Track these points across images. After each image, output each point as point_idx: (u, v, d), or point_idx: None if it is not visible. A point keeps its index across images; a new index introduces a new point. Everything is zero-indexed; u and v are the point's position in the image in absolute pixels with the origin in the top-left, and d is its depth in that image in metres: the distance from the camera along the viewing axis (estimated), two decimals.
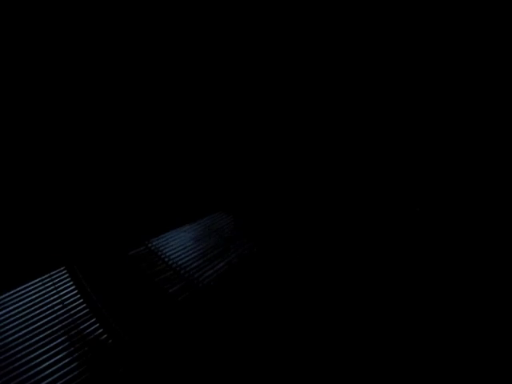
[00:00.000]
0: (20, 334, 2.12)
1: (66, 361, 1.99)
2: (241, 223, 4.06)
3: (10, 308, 2.31)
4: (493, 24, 3.19)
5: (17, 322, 2.20)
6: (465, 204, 3.81)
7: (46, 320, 2.28)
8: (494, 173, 3.61)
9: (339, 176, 4.84)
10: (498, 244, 3.41)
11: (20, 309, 2.33)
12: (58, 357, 2.00)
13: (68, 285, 2.69)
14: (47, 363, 1.95)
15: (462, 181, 3.84)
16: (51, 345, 2.08)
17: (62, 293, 2.60)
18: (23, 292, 2.50)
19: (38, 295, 2.51)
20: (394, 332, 2.56)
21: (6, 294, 2.43)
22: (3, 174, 2.86)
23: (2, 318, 2.20)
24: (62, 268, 2.86)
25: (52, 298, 2.52)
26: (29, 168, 3.04)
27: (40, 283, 2.65)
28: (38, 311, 2.34)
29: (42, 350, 2.03)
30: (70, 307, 2.44)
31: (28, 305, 2.38)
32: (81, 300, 2.53)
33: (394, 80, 4.01)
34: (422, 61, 3.68)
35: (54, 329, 2.22)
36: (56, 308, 2.42)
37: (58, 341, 2.12)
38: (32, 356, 1.98)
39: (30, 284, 2.60)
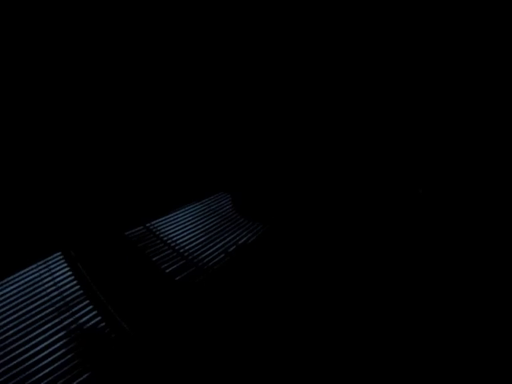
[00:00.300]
0: (12, 318, 2.05)
1: (59, 344, 1.91)
2: (241, 203, 3.92)
3: (3, 295, 2.24)
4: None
5: (9, 308, 2.13)
6: (467, 186, 3.62)
7: (39, 305, 2.20)
8: (494, 157, 3.40)
9: (341, 157, 4.62)
10: (501, 228, 3.19)
11: (14, 296, 2.26)
12: (51, 340, 1.92)
13: (64, 270, 2.61)
14: (39, 347, 1.87)
15: (463, 163, 3.63)
16: (44, 329, 2.00)
17: (57, 279, 2.52)
18: (18, 279, 2.42)
19: (33, 282, 2.44)
20: (395, 315, 2.41)
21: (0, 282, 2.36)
22: None
23: None
24: (57, 253, 2.78)
25: (47, 285, 2.44)
26: (22, 152, 2.94)
27: (35, 270, 2.57)
28: (32, 298, 2.27)
29: (35, 334, 1.95)
30: (65, 294, 2.36)
31: (23, 292, 2.31)
32: (77, 286, 2.44)
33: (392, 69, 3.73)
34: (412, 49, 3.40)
35: (48, 313, 2.14)
36: (51, 295, 2.34)
37: (52, 326, 2.04)
38: (24, 340, 1.90)
39: (25, 271, 2.53)
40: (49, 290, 2.29)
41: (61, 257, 2.77)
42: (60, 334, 1.97)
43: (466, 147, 3.61)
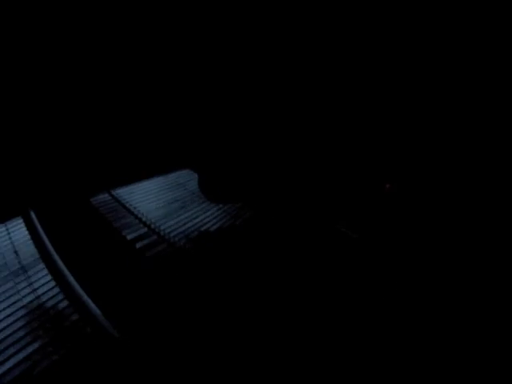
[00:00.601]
0: None
1: (12, 308, 1.96)
2: (206, 180, 4.01)
3: None
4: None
5: None
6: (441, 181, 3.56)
7: None
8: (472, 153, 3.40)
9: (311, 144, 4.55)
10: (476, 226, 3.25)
11: None
12: (4, 303, 1.98)
13: (23, 234, 2.63)
14: None
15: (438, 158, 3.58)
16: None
17: (15, 243, 2.54)
18: None
19: None
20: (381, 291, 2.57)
21: None
22: None
23: None
24: (18, 218, 2.78)
25: (4, 248, 2.46)
26: None
27: None
28: None
29: None
30: (22, 257, 2.39)
31: None
32: (35, 250, 2.48)
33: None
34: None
35: (2, 277, 2.17)
36: (8, 258, 2.37)
37: (6, 289, 2.09)
38: None
39: None
40: (5, 253, 2.33)
41: (21, 221, 2.78)
42: (13, 299, 2.03)
43: (443, 141, 3.54)
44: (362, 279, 2.61)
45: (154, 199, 3.24)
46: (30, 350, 1.75)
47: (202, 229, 2.98)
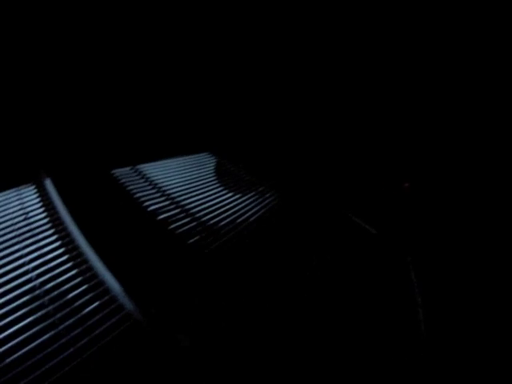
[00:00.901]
0: None
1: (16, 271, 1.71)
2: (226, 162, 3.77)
3: None
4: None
5: None
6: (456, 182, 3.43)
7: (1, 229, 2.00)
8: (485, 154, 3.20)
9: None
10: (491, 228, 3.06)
11: None
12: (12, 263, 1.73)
13: (36, 200, 2.40)
14: None
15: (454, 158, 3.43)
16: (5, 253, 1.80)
17: (28, 208, 2.30)
18: None
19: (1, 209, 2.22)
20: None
21: None
22: None
23: None
24: (30, 184, 2.56)
25: (14, 209, 2.22)
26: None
27: (4, 195, 2.35)
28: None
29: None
30: (32, 220, 2.15)
31: None
32: (46, 217, 2.24)
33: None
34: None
35: (10, 238, 1.93)
36: (17, 219, 2.13)
37: (14, 251, 1.84)
38: None
39: None
40: (15, 215, 2.08)
41: (33, 186, 2.56)
42: (20, 262, 1.77)
43: (456, 142, 3.41)
44: (379, 272, 2.45)
45: (177, 176, 3.00)
46: (30, 319, 1.47)
47: (226, 208, 2.72)
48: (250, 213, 2.71)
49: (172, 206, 2.51)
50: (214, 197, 2.78)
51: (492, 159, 3.17)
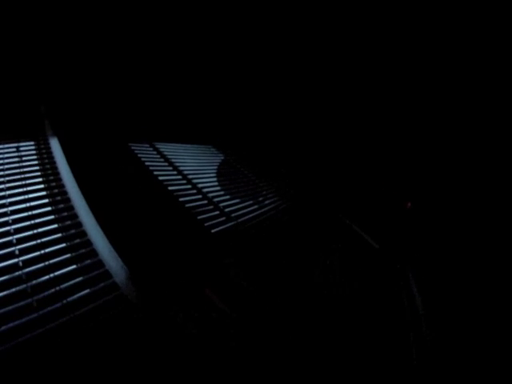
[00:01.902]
0: None
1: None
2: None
3: None
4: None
5: None
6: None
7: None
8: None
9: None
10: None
11: None
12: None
13: (35, 154, 2.10)
14: None
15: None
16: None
17: (23, 152, 2.01)
18: None
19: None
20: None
21: None
22: None
23: None
24: (30, 138, 2.28)
25: (12, 165, 1.92)
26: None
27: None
28: None
29: None
30: (26, 169, 1.84)
31: None
32: (44, 169, 1.93)
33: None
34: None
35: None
36: (12, 173, 1.82)
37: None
38: None
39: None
40: (10, 160, 1.78)
41: (33, 142, 2.27)
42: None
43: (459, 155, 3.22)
44: (381, 284, 2.38)
45: (194, 159, 2.70)
46: None
47: (240, 194, 2.39)
48: (262, 210, 2.37)
49: (184, 181, 2.17)
50: (227, 182, 2.46)
51: (490, 179, 3.03)
